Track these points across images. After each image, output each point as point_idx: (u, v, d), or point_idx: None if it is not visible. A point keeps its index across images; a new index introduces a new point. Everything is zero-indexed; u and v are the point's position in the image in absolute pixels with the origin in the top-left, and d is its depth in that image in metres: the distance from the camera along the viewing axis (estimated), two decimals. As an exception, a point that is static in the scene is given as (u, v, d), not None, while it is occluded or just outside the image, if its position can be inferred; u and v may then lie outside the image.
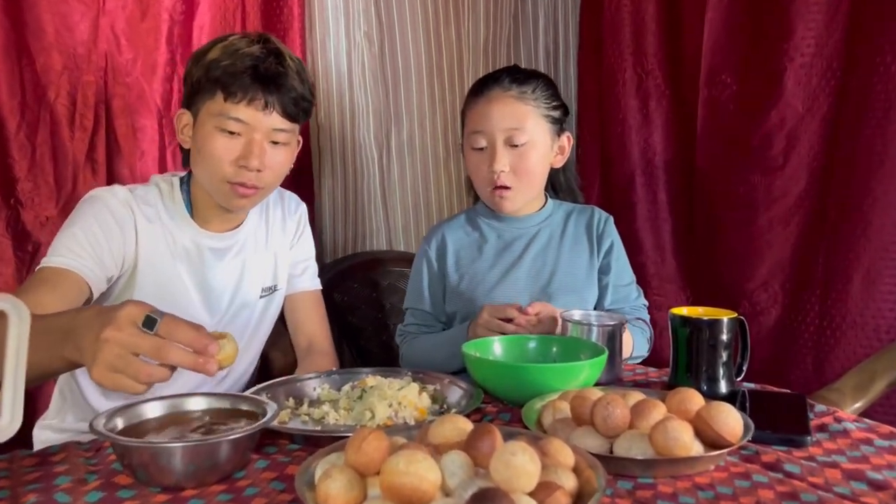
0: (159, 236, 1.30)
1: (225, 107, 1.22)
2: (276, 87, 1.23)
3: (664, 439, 0.84)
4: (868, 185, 1.59)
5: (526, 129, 1.42)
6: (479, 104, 1.44)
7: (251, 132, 1.24)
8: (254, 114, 1.23)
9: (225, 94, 1.22)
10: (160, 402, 0.95)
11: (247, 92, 1.21)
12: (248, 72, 1.21)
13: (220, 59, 1.22)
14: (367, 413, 1.05)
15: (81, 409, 1.34)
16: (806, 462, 0.91)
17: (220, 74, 1.21)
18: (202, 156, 1.26)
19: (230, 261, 1.38)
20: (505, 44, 2.21)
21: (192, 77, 1.27)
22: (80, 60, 1.62)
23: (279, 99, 1.24)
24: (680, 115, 1.97)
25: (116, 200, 1.27)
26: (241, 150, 1.24)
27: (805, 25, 1.67)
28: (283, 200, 1.51)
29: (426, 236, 1.60)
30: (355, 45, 2.01)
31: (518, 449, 0.71)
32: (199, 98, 1.25)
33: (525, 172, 1.44)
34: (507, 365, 1.16)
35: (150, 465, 0.83)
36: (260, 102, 1.23)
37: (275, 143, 1.27)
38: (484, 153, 1.44)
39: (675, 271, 2.00)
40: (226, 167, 1.25)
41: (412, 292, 1.58)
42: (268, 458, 0.93)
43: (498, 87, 1.43)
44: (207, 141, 1.24)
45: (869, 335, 1.63)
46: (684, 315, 1.18)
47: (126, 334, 0.80)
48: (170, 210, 1.33)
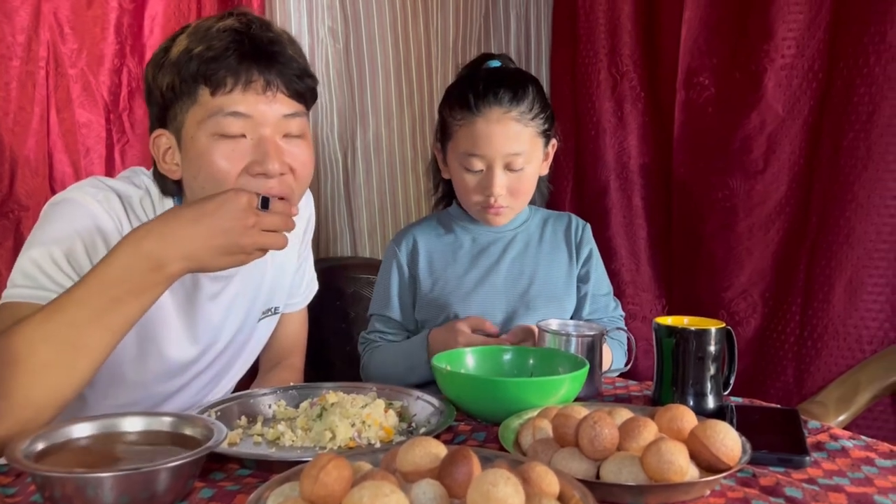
0: None
1: (215, 103, 0.96)
2: (271, 61, 0.97)
3: (658, 462, 0.76)
4: (851, 190, 1.54)
5: (526, 151, 1.34)
6: (477, 125, 1.32)
7: (257, 128, 0.98)
8: (254, 101, 0.96)
9: (211, 86, 0.95)
10: (89, 423, 0.84)
11: (238, 74, 0.95)
12: (231, 49, 0.95)
13: (191, 47, 0.95)
14: (327, 434, 0.95)
15: None
16: (807, 485, 0.83)
17: (197, 65, 0.94)
18: (202, 179, 0.97)
19: (230, 289, 1.16)
20: (475, 43, 2.13)
21: (158, 87, 0.99)
22: (19, 49, 1.50)
23: (279, 74, 0.98)
24: (656, 118, 1.90)
25: (105, 214, 1.00)
26: (253, 155, 0.97)
27: (786, 26, 1.61)
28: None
29: (395, 238, 1.50)
30: (319, 41, 1.91)
31: (499, 479, 0.62)
32: (177, 108, 0.98)
33: (521, 193, 1.37)
34: (481, 379, 1.07)
35: (76, 498, 0.72)
36: (258, 84, 0.96)
37: (288, 136, 1.01)
38: (477, 175, 1.35)
39: (650, 280, 1.93)
40: (241, 184, 0.97)
41: (378, 298, 1.49)
42: (214, 485, 0.83)
43: (497, 107, 1.31)
44: (204, 157, 0.96)
45: (851, 346, 1.57)
46: (669, 325, 1.10)
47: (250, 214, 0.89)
48: None
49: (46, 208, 1.01)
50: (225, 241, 0.90)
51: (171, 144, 1.01)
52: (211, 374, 1.24)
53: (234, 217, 0.89)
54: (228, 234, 0.90)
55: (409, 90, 2.04)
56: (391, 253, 1.48)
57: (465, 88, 1.35)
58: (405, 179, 2.07)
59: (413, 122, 2.05)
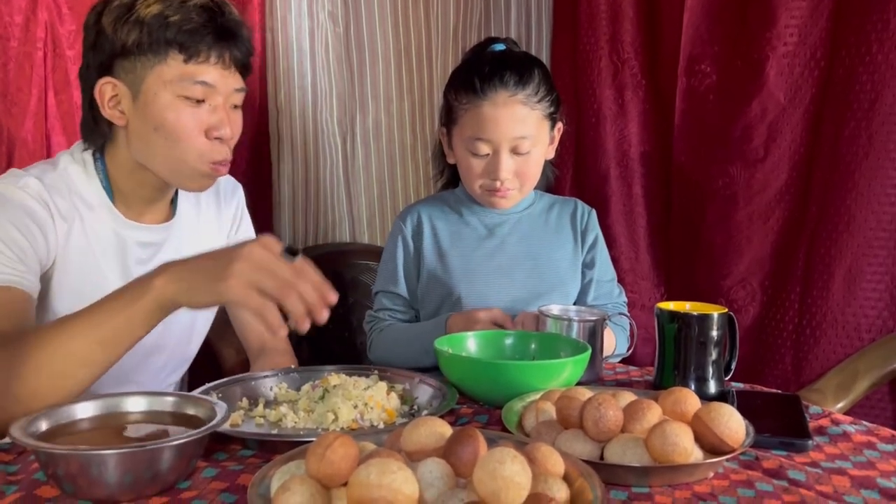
0: (77, 232, 1.11)
1: (187, 70, 1.05)
2: (237, 41, 1.08)
3: (662, 444, 0.76)
4: (852, 178, 1.54)
5: (533, 134, 1.33)
6: (483, 109, 1.31)
7: (215, 96, 1.08)
8: (219, 73, 1.07)
9: (186, 55, 1.04)
10: (92, 403, 0.83)
11: (211, 50, 1.05)
12: (208, 26, 1.05)
13: (166, 14, 1.03)
14: (329, 415, 0.95)
15: None
16: (810, 469, 0.83)
17: (174, 34, 1.03)
18: (163, 134, 1.06)
19: (160, 257, 1.18)
20: (475, 29, 2.12)
21: (115, 38, 1.04)
22: (16, 30, 1.49)
23: (239, 53, 1.09)
24: (657, 106, 1.89)
25: (29, 197, 1.05)
26: (209, 119, 1.08)
27: (789, 13, 1.60)
28: (217, 184, 1.30)
29: (401, 215, 1.49)
30: (319, 25, 1.90)
31: (506, 457, 0.62)
32: (140, 64, 1.04)
33: (527, 176, 1.37)
34: (484, 362, 1.07)
35: (80, 476, 0.72)
36: (224, 59, 1.07)
37: (233, 106, 1.12)
38: (483, 159, 1.34)
39: (649, 268, 1.93)
40: (200, 144, 1.08)
41: (384, 274, 1.47)
42: (217, 465, 0.82)
43: (504, 91, 1.30)
44: (169, 114, 1.05)
45: (850, 334, 1.57)
46: (672, 310, 1.10)
47: (269, 254, 0.84)
48: (85, 199, 1.12)
49: None
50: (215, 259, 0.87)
51: (119, 92, 1.07)
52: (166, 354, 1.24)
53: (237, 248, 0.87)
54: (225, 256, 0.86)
55: (409, 76, 2.03)
56: (397, 229, 1.47)
57: (471, 72, 1.34)
58: (404, 166, 2.06)
59: (413, 107, 2.04)
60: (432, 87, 2.05)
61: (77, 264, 1.11)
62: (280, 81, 1.87)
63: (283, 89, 1.88)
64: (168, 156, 1.09)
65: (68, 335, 0.88)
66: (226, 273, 0.83)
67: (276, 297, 0.83)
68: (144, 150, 1.10)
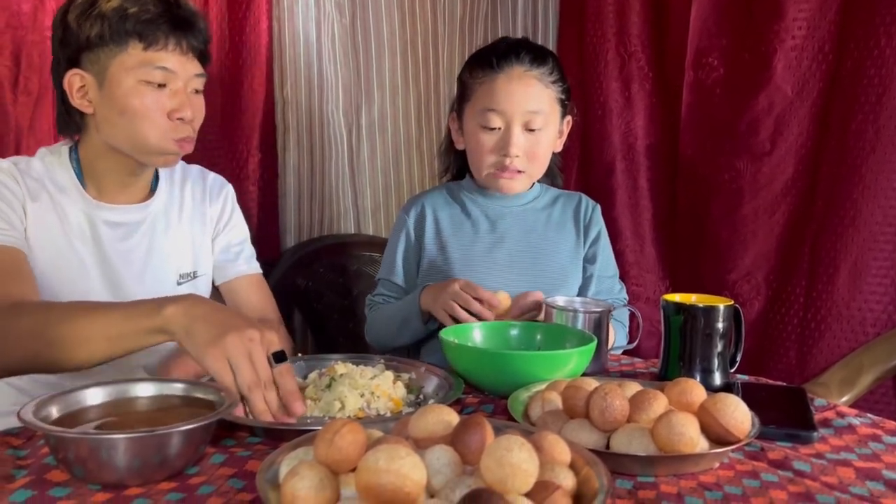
0: (47, 212, 1.17)
1: (147, 56, 1.13)
2: (193, 29, 1.16)
3: (668, 434, 0.77)
4: (858, 173, 1.54)
5: (544, 113, 1.34)
6: (498, 80, 1.33)
7: (175, 81, 1.16)
8: (178, 60, 1.15)
9: (145, 43, 1.12)
10: (102, 389, 0.84)
11: (168, 38, 1.13)
12: (164, 16, 1.13)
13: (125, 7, 1.11)
14: (336, 403, 0.95)
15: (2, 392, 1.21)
16: (816, 460, 0.84)
17: (133, 25, 1.11)
18: (128, 117, 1.14)
19: (136, 239, 1.25)
20: (482, 20, 2.12)
21: (83, 34, 1.13)
22: (25, 19, 1.50)
23: (194, 41, 1.17)
24: (664, 99, 1.89)
25: (2, 172, 1.15)
26: (171, 101, 1.15)
27: (797, 6, 1.60)
28: (205, 179, 1.37)
29: (405, 206, 1.50)
30: (325, 15, 1.90)
31: (514, 445, 0.62)
32: (103, 54, 1.12)
33: (536, 157, 1.37)
34: (490, 353, 1.07)
35: (89, 460, 0.72)
36: (182, 46, 1.15)
37: (194, 91, 1.20)
38: (494, 133, 1.34)
39: (654, 261, 1.93)
40: (162, 123, 1.15)
41: (386, 263, 1.49)
42: (225, 451, 0.83)
43: (519, 65, 1.33)
44: (132, 98, 1.13)
45: (855, 328, 1.58)
46: (678, 302, 1.10)
47: (257, 347, 0.87)
48: (57, 182, 1.19)
49: None
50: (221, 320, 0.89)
51: (86, 83, 1.15)
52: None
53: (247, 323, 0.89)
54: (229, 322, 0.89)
55: (415, 67, 2.02)
56: (401, 220, 1.48)
57: (488, 51, 1.37)
58: (409, 157, 2.06)
59: (419, 99, 2.04)
60: (438, 78, 2.05)
61: (50, 241, 1.17)
62: (286, 72, 1.87)
63: (290, 80, 1.88)
64: (134, 136, 1.16)
65: (88, 320, 0.94)
66: (218, 339, 0.86)
67: (242, 388, 0.85)
68: (112, 134, 1.17)
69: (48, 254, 1.16)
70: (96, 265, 1.20)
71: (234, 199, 1.41)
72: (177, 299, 0.92)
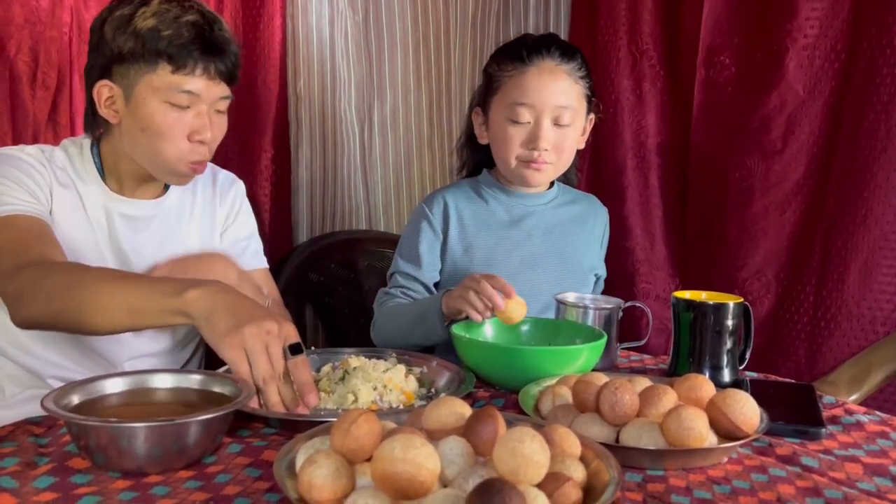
0: (71, 199, 1.22)
1: (174, 80, 1.15)
2: (223, 56, 1.18)
3: (678, 428, 0.78)
4: (870, 172, 1.54)
5: (573, 108, 1.35)
6: (529, 73, 1.33)
7: (199, 104, 1.18)
8: (204, 84, 1.17)
9: (174, 66, 1.14)
10: (122, 379, 0.86)
11: (198, 63, 1.15)
12: (196, 42, 1.14)
13: (160, 28, 1.13)
14: (349, 396, 0.97)
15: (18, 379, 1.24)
16: (824, 456, 0.85)
17: (164, 46, 1.13)
18: (148, 134, 1.17)
19: (149, 232, 1.28)
20: (495, 18, 2.12)
21: (117, 46, 1.16)
22: (43, 14, 1.52)
23: (224, 66, 1.19)
24: (675, 97, 1.89)
25: (31, 157, 1.19)
26: (192, 124, 1.18)
27: (810, 5, 1.60)
28: (216, 177, 1.40)
29: (426, 200, 1.48)
30: (338, 13, 1.92)
31: (526, 436, 0.64)
32: (133, 70, 1.15)
33: (563, 151, 1.38)
34: (501, 347, 1.09)
35: (110, 448, 0.74)
36: (210, 71, 1.17)
37: (217, 111, 1.22)
38: (523, 127, 1.35)
39: (665, 259, 1.94)
40: (181, 145, 1.18)
41: (406, 256, 1.44)
42: (242, 441, 0.85)
43: (550, 59, 1.34)
44: (156, 118, 1.16)
45: (865, 327, 1.58)
46: (688, 299, 1.11)
47: (275, 339, 0.89)
48: (79, 172, 1.24)
49: None
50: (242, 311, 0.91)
51: (114, 94, 1.18)
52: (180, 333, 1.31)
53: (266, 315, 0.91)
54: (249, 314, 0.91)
55: (427, 65, 2.04)
56: (420, 213, 1.45)
57: (517, 44, 1.38)
58: (421, 155, 2.07)
59: (430, 97, 2.05)
60: (450, 76, 2.06)
61: (72, 226, 1.21)
62: (300, 69, 1.89)
63: (303, 76, 1.89)
64: (152, 153, 1.19)
65: (113, 288, 0.98)
66: (235, 329, 0.88)
67: (257, 380, 0.88)
68: (132, 146, 1.21)
69: (69, 238, 1.19)
70: (111, 254, 1.24)
71: (243, 195, 1.43)
72: (201, 284, 0.94)
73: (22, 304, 1.03)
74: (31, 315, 1.03)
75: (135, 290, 0.97)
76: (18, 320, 1.04)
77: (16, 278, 1.02)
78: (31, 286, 1.01)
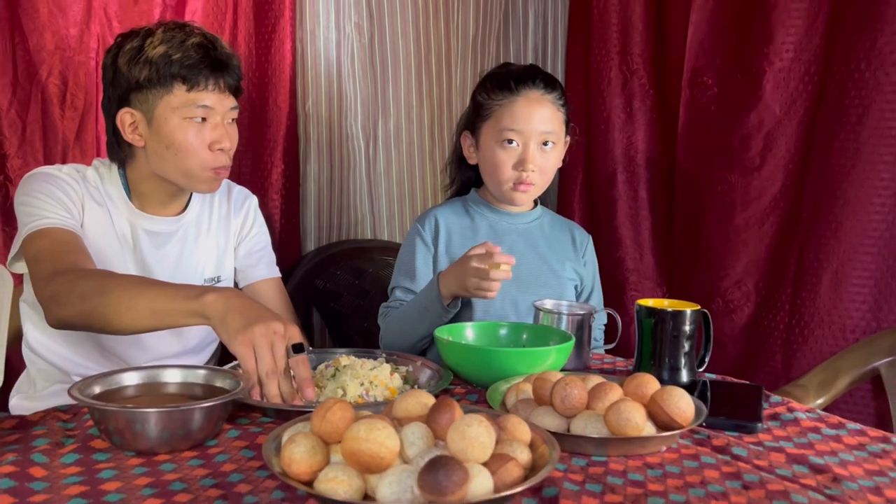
0: (100, 214, 1.33)
1: (190, 97, 1.28)
2: (228, 70, 1.31)
3: (617, 419, 0.89)
4: (840, 188, 1.63)
5: (557, 131, 1.48)
6: (518, 104, 1.46)
7: (214, 115, 1.30)
8: (216, 97, 1.30)
9: (188, 85, 1.27)
10: (137, 372, 0.98)
11: (208, 79, 1.28)
12: (205, 61, 1.27)
13: (170, 53, 1.26)
14: (339, 391, 1.08)
15: (48, 374, 1.38)
16: (754, 446, 0.95)
17: (177, 70, 1.26)
18: (174, 150, 1.29)
19: (169, 247, 1.40)
20: (494, 39, 2.25)
21: (129, 76, 1.28)
22: (72, 41, 1.65)
23: (230, 80, 1.32)
24: (663, 115, 2.00)
25: (66, 175, 1.31)
26: (211, 134, 1.30)
27: (785, 31, 1.70)
28: (230, 193, 1.52)
29: (419, 218, 1.60)
30: (345, 36, 2.04)
31: (474, 421, 0.75)
32: (151, 95, 1.28)
33: (546, 172, 1.50)
34: (476, 348, 1.20)
35: (126, 430, 0.86)
36: (220, 86, 1.30)
37: (231, 121, 1.35)
38: (513, 150, 1.47)
39: (653, 268, 2.04)
40: (204, 155, 1.30)
41: (403, 272, 1.55)
42: (240, 428, 0.97)
43: (535, 89, 1.47)
44: (178, 135, 1.29)
45: (836, 334, 1.67)
46: (650, 306, 1.22)
47: (280, 339, 1.00)
48: (107, 191, 1.36)
49: (24, 178, 1.32)
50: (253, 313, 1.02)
51: (136, 120, 1.30)
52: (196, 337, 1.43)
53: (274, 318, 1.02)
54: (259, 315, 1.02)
55: (428, 84, 2.16)
56: (415, 231, 1.57)
57: (504, 75, 1.51)
58: (423, 168, 2.20)
59: (432, 114, 2.18)
60: (451, 94, 2.18)
61: (100, 240, 1.33)
62: (308, 89, 2.01)
63: (312, 96, 2.02)
64: (179, 167, 1.31)
65: (138, 292, 1.09)
66: (246, 328, 0.99)
67: (260, 374, 0.99)
68: (160, 164, 1.32)
69: (98, 248, 1.31)
70: (134, 267, 1.36)
71: (256, 209, 1.55)
72: (217, 290, 1.05)
73: (57, 306, 1.13)
74: (65, 316, 1.13)
75: (158, 294, 1.08)
76: (53, 320, 1.15)
77: (52, 283, 1.14)
78: (65, 290, 1.11)
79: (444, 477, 0.68)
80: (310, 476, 0.75)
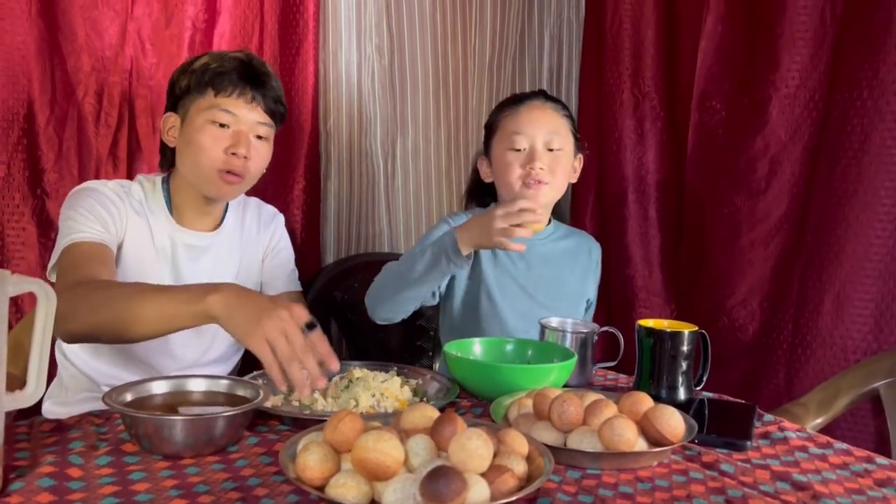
0: (143, 228, 1.40)
1: (215, 101, 1.35)
2: (261, 85, 1.38)
3: (610, 435, 0.94)
4: (843, 211, 1.68)
5: (562, 136, 1.56)
6: (521, 112, 1.56)
7: (238, 124, 1.37)
8: (241, 106, 1.36)
9: (215, 90, 1.35)
10: (165, 381, 1.06)
11: (235, 86, 1.35)
12: (236, 70, 1.36)
13: (209, 63, 1.37)
14: (351, 401, 1.15)
15: (78, 381, 1.45)
16: (741, 463, 1.00)
17: (210, 76, 1.35)
18: (192, 148, 1.37)
19: (205, 260, 1.46)
20: (510, 61, 2.31)
21: (178, 84, 1.40)
22: (107, 63, 1.73)
23: (262, 95, 1.38)
24: (673, 137, 2.06)
25: (109, 190, 1.38)
26: (231, 140, 1.37)
27: (791, 58, 1.75)
28: (260, 211, 1.60)
29: (448, 214, 1.65)
30: (366, 57, 2.12)
31: (473, 435, 0.82)
32: (188, 100, 1.38)
33: (556, 173, 1.55)
34: (482, 364, 1.26)
35: (154, 436, 0.94)
36: (247, 96, 1.37)
37: (258, 137, 1.40)
38: (521, 153, 1.54)
39: (661, 285, 2.09)
40: (216, 155, 1.36)
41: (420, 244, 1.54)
42: (259, 435, 1.04)
43: (537, 101, 1.59)
44: (198, 133, 1.36)
45: (837, 354, 1.71)
46: (650, 326, 1.27)
47: (292, 324, 1.00)
48: (150, 205, 1.42)
49: (71, 193, 1.38)
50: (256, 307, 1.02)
51: (175, 124, 1.41)
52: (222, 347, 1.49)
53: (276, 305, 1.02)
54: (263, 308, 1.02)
55: (446, 104, 2.23)
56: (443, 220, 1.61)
57: (510, 98, 1.63)
58: (439, 185, 2.27)
59: (449, 133, 2.25)
60: (468, 114, 2.25)
61: (142, 253, 1.39)
62: (330, 108, 2.09)
63: (333, 115, 2.10)
64: (193, 164, 1.38)
65: (143, 301, 1.10)
66: (256, 324, 1.00)
67: (282, 362, 0.98)
68: (181, 162, 1.41)
69: (138, 263, 1.38)
70: (170, 278, 1.43)
71: (282, 227, 1.63)
72: (218, 288, 1.06)
73: (65, 321, 1.10)
74: (73, 330, 1.15)
75: (163, 300, 1.09)
76: (62, 335, 1.18)
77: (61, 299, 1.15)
78: (71, 305, 1.11)
79: (444, 485, 0.75)
80: (322, 482, 0.81)
